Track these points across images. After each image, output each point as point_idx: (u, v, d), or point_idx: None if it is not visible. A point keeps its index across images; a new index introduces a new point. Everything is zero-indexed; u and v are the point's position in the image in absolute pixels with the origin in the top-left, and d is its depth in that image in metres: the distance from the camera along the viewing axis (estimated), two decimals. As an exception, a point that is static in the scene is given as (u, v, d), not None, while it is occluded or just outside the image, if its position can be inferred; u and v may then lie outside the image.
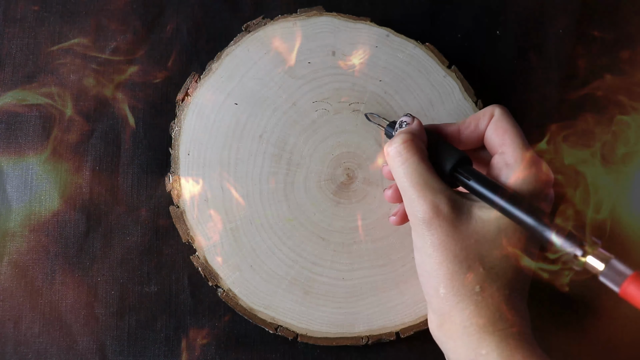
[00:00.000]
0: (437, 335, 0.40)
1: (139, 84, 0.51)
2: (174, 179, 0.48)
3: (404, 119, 0.43)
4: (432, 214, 0.38)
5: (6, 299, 0.48)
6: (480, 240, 0.38)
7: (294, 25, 0.50)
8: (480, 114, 0.42)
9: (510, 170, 0.39)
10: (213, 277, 0.47)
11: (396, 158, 0.40)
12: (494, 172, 0.41)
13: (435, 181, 0.39)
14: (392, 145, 0.40)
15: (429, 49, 0.51)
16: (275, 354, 0.48)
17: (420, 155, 0.40)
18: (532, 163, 0.39)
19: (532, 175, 0.39)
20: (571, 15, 0.56)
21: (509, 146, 0.40)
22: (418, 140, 0.41)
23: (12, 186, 0.49)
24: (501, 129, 0.41)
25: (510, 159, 0.40)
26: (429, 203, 0.38)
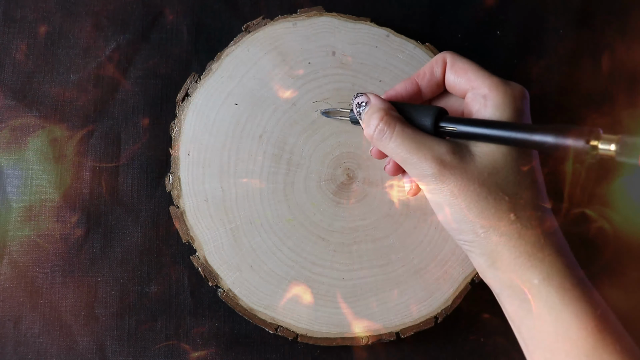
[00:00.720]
0: (490, 277, 0.40)
1: (139, 84, 0.51)
2: (174, 179, 0.48)
3: (358, 100, 0.43)
4: (440, 167, 0.38)
5: (6, 299, 0.48)
6: (492, 172, 0.38)
7: (294, 25, 0.50)
8: (432, 62, 0.43)
9: (490, 100, 0.40)
10: (213, 277, 0.47)
11: (382, 136, 0.40)
12: (473, 109, 0.41)
13: (427, 137, 0.40)
14: (371, 127, 0.41)
15: (429, 49, 0.51)
16: (275, 354, 0.48)
17: (401, 122, 0.41)
18: (504, 84, 0.40)
19: (510, 94, 0.39)
20: (571, 15, 0.56)
21: (477, 80, 0.40)
22: (390, 111, 0.41)
23: (12, 186, 0.49)
24: (461, 69, 0.41)
25: (485, 90, 0.40)
26: (433, 159, 0.39)
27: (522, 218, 0.38)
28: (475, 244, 0.39)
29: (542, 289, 0.37)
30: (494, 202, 0.38)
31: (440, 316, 0.47)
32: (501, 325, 0.50)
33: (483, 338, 0.50)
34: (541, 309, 0.37)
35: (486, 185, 0.38)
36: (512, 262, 0.38)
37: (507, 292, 0.39)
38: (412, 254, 0.48)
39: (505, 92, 0.39)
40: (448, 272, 0.48)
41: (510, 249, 0.38)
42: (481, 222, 0.38)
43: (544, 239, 0.38)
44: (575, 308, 0.36)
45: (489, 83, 0.40)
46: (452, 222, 0.40)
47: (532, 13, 0.56)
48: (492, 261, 0.39)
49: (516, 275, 0.38)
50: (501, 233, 0.38)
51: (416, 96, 0.44)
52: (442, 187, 0.39)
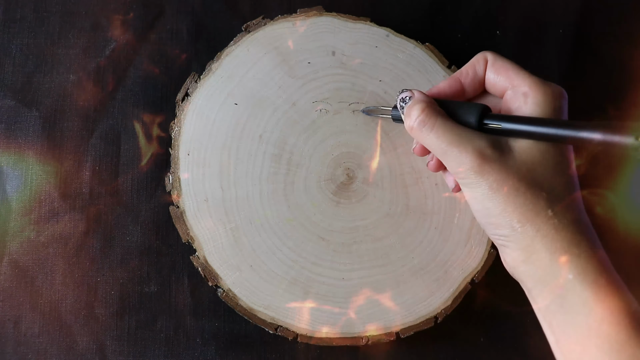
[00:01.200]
0: (523, 271, 0.40)
1: (139, 84, 0.51)
2: (174, 180, 0.48)
3: (403, 95, 0.43)
4: (480, 160, 0.39)
5: (6, 299, 0.48)
6: (530, 168, 0.39)
7: (293, 25, 0.50)
8: (474, 61, 0.43)
9: (530, 97, 0.40)
10: (213, 277, 0.47)
11: (423, 128, 0.41)
12: (512, 107, 0.41)
13: (468, 131, 0.40)
14: (412, 118, 0.41)
15: (429, 49, 0.51)
16: (275, 354, 0.48)
17: (443, 115, 0.41)
18: (544, 83, 0.40)
19: (550, 93, 0.40)
20: (571, 15, 0.56)
21: (517, 79, 0.41)
22: (432, 104, 0.42)
23: (12, 186, 0.49)
24: (502, 68, 0.42)
25: (526, 88, 0.41)
26: (473, 152, 0.39)
27: (559, 214, 0.38)
28: (512, 239, 0.39)
29: (576, 285, 0.37)
30: (532, 197, 0.38)
31: (440, 316, 0.47)
32: (501, 325, 0.50)
33: (483, 338, 0.50)
34: (575, 303, 0.37)
35: (525, 181, 0.38)
36: (548, 257, 0.38)
37: (540, 287, 0.39)
38: (412, 253, 0.48)
39: (546, 91, 0.40)
40: (448, 272, 0.48)
41: (546, 244, 0.38)
42: (518, 216, 0.38)
43: (580, 235, 0.38)
44: (609, 304, 0.36)
45: (530, 82, 0.40)
46: (490, 216, 0.40)
47: (532, 13, 0.56)
48: (528, 255, 0.39)
49: (551, 270, 0.38)
50: (538, 228, 0.38)
51: (459, 94, 0.44)
52: (481, 181, 0.39)
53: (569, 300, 0.38)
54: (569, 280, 0.38)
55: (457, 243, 0.48)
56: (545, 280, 0.39)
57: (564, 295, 0.38)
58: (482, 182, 0.39)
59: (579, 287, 0.37)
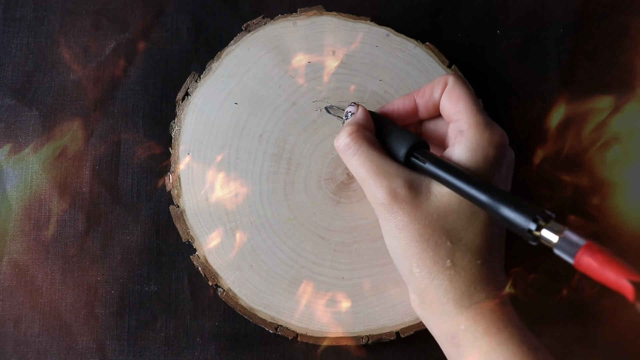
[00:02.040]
0: (419, 314, 0.41)
1: (139, 84, 0.51)
2: (174, 179, 0.48)
3: (349, 109, 0.44)
4: (391, 198, 0.39)
5: (6, 298, 0.47)
6: (442, 214, 0.38)
7: (294, 24, 0.50)
8: (435, 82, 0.42)
9: (464, 137, 0.39)
10: (213, 276, 0.47)
11: (346, 151, 0.41)
12: (450, 141, 0.41)
13: (390, 165, 0.40)
14: (340, 139, 0.41)
15: (429, 49, 0.51)
16: (275, 353, 0.48)
17: (369, 143, 0.41)
18: (485, 126, 0.39)
19: (486, 139, 0.39)
20: (571, 15, 0.56)
21: (463, 113, 0.40)
22: (363, 129, 0.41)
23: (12, 186, 0.49)
24: (454, 97, 0.41)
25: (464, 125, 0.40)
26: (386, 188, 0.39)
27: (458, 265, 0.38)
28: (410, 281, 0.40)
29: (468, 335, 0.38)
30: (434, 245, 0.38)
31: (440, 316, 0.47)
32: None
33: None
34: (470, 352, 0.38)
35: (431, 227, 0.38)
36: (440, 306, 0.38)
37: (437, 333, 0.40)
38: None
39: (482, 135, 0.39)
40: (448, 272, 0.48)
41: (439, 294, 0.38)
42: (417, 262, 0.39)
43: (475, 286, 0.38)
44: (503, 351, 0.37)
45: (471, 121, 0.39)
46: (394, 253, 0.40)
47: (532, 13, 0.56)
48: (422, 301, 0.39)
49: (443, 319, 0.38)
50: (433, 277, 0.38)
51: (412, 114, 0.44)
52: (389, 218, 0.39)
53: (464, 349, 0.38)
54: (460, 330, 0.38)
55: None
56: (439, 328, 0.39)
57: (459, 344, 0.38)
58: (390, 220, 0.39)
59: (471, 337, 0.37)
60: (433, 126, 0.44)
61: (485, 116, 0.40)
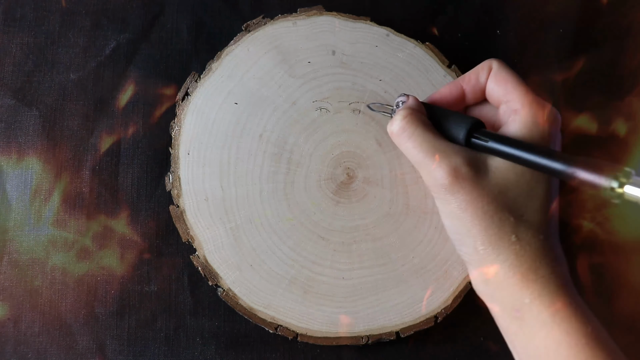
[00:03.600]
0: (482, 291, 0.40)
1: (139, 83, 0.51)
2: (174, 179, 0.48)
3: (400, 99, 0.44)
4: (452, 177, 0.38)
5: (6, 298, 0.47)
6: (502, 191, 0.38)
7: (294, 24, 0.50)
8: (478, 68, 0.43)
9: (519, 116, 0.40)
10: (213, 276, 0.47)
11: (402, 135, 0.41)
12: (503, 122, 0.41)
13: (446, 145, 0.40)
14: (394, 124, 0.41)
15: (429, 49, 0.51)
16: (275, 353, 0.48)
17: (424, 125, 0.41)
18: (538, 104, 0.40)
19: (541, 115, 0.39)
20: (571, 15, 0.56)
21: (513, 93, 0.40)
22: (418, 113, 0.41)
23: (12, 186, 0.49)
24: (502, 79, 0.41)
25: (517, 105, 0.40)
26: (447, 167, 0.38)
27: (523, 240, 0.38)
28: (474, 258, 0.40)
29: (533, 308, 0.37)
30: (499, 221, 0.38)
31: (440, 316, 0.47)
32: (501, 325, 0.50)
33: (483, 338, 0.50)
34: (532, 326, 0.37)
35: (494, 204, 0.38)
36: (505, 281, 0.38)
37: (499, 309, 0.39)
38: (412, 253, 0.48)
39: (537, 112, 0.39)
40: (448, 272, 0.48)
41: (505, 269, 0.38)
42: (482, 239, 0.38)
43: (540, 260, 0.38)
44: (566, 326, 0.37)
45: (524, 100, 0.40)
46: (456, 233, 0.40)
47: (532, 13, 0.56)
48: (487, 277, 0.39)
49: (509, 293, 0.38)
50: (499, 252, 0.38)
51: (460, 100, 0.44)
52: (450, 199, 0.39)
53: (527, 322, 0.38)
54: (525, 304, 0.38)
55: None
56: (503, 302, 0.39)
57: (521, 318, 0.38)
58: (452, 200, 0.39)
59: (535, 311, 0.37)
60: (478, 112, 0.45)
61: (536, 95, 0.40)
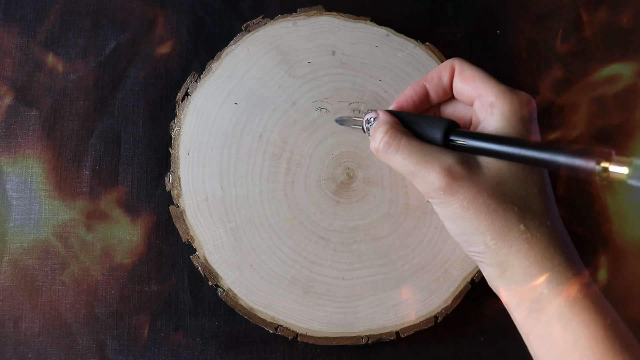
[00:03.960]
0: (499, 285, 0.40)
1: (139, 84, 0.51)
2: (174, 179, 0.48)
3: (368, 116, 0.44)
4: (449, 179, 0.38)
5: (6, 298, 0.47)
6: (500, 182, 0.38)
7: (293, 24, 0.50)
8: (440, 68, 0.43)
9: (496, 108, 0.40)
10: (213, 276, 0.47)
11: (388, 150, 0.41)
12: (481, 119, 0.41)
13: (434, 149, 0.40)
14: (377, 140, 0.41)
15: (429, 49, 0.51)
16: (275, 353, 0.48)
17: (407, 135, 0.41)
18: (511, 93, 0.40)
19: (518, 102, 0.39)
20: (571, 15, 0.56)
21: (484, 88, 0.40)
22: (396, 124, 0.41)
23: (12, 186, 0.49)
24: (469, 77, 0.41)
25: (491, 98, 0.40)
26: (441, 171, 0.38)
27: (532, 228, 0.38)
28: (486, 255, 0.39)
29: (551, 299, 0.37)
30: (504, 213, 0.38)
31: (440, 316, 0.47)
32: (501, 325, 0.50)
33: (483, 338, 0.50)
34: (551, 317, 0.37)
35: (495, 197, 0.38)
36: (522, 272, 0.38)
37: (517, 302, 0.39)
38: (412, 253, 0.48)
39: (512, 100, 0.39)
40: (448, 272, 0.48)
41: (520, 259, 0.38)
42: (492, 233, 0.38)
43: (554, 248, 0.38)
44: (584, 317, 0.36)
45: (496, 91, 0.40)
46: (463, 234, 0.40)
47: (532, 13, 0.56)
48: (502, 271, 0.39)
49: (526, 285, 0.38)
50: (511, 244, 0.38)
51: (424, 100, 0.44)
52: (451, 200, 0.39)
53: (545, 314, 0.37)
54: (543, 294, 0.37)
55: (457, 243, 0.48)
56: (520, 294, 0.38)
57: (540, 310, 0.38)
58: (452, 201, 0.39)
59: (554, 301, 0.37)
60: (451, 110, 0.45)
61: (506, 85, 0.40)
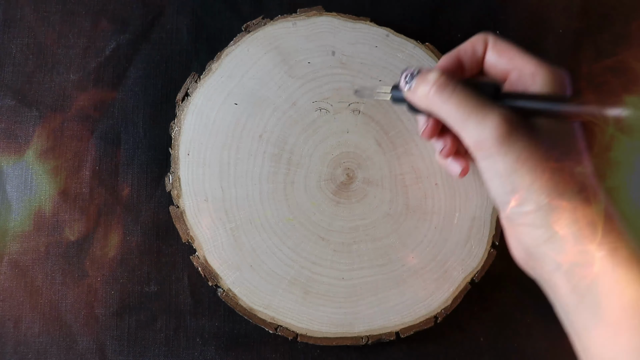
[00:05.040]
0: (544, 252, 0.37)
1: (139, 84, 0.51)
2: (174, 179, 0.48)
3: (409, 70, 0.40)
4: (508, 127, 0.36)
5: (6, 299, 0.48)
6: (554, 141, 0.37)
7: (293, 25, 0.50)
8: (473, 41, 0.41)
9: (539, 77, 0.38)
10: (213, 277, 0.47)
11: (442, 93, 0.38)
12: (519, 89, 0.40)
13: (490, 100, 0.37)
14: (429, 83, 0.38)
15: (429, 49, 0.51)
16: (275, 354, 0.48)
17: (462, 82, 0.38)
18: (550, 65, 0.39)
19: (557, 73, 0.39)
20: (571, 15, 0.56)
21: (521, 60, 0.40)
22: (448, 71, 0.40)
23: (12, 186, 0.49)
24: (504, 50, 0.40)
25: (532, 68, 0.39)
26: (501, 118, 0.36)
27: (589, 187, 0.36)
28: (538, 215, 0.36)
29: (607, 262, 0.34)
30: (560, 170, 0.36)
31: (440, 316, 0.47)
32: (501, 326, 0.50)
33: (483, 338, 0.50)
34: (605, 283, 0.35)
35: (552, 152, 0.36)
36: (576, 233, 0.35)
37: (566, 267, 0.36)
38: (412, 253, 0.48)
39: (553, 70, 0.39)
40: (448, 272, 0.48)
41: (575, 220, 0.35)
42: (547, 190, 0.35)
43: (608, 210, 0.36)
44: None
45: (536, 62, 0.39)
46: (514, 191, 0.37)
47: (532, 13, 0.56)
48: (552, 233, 0.36)
49: (580, 247, 0.35)
50: (567, 202, 0.35)
51: (458, 72, 0.42)
52: (507, 152, 0.36)
53: (600, 280, 0.35)
54: (598, 258, 0.35)
55: (457, 243, 0.48)
56: (571, 259, 0.35)
57: (593, 276, 0.35)
58: (508, 153, 0.36)
59: (610, 266, 0.34)
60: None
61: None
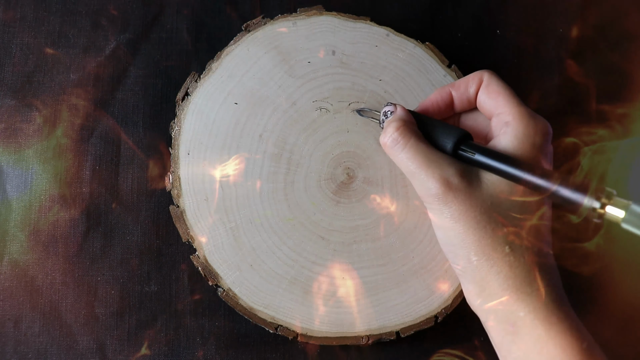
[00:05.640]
0: (476, 305, 0.40)
1: (139, 84, 0.51)
2: (174, 179, 0.48)
3: (387, 108, 0.44)
4: (445, 187, 0.38)
5: (6, 298, 0.47)
6: (495, 201, 0.39)
7: (293, 24, 0.50)
8: (469, 78, 0.43)
9: (510, 128, 0.40)
10: (213, 276, 0.47)
11: (395, 146, 0.41)
12: (495, 135, 0.41)
13: (439, 156, 0.40)
14: (387, 135, 0.42)
15: (429, 48, 0.51)
16: (275, 353, 0.48)
17: (417, 136, 0.41)
18: (529, 116, 0.40)
19: (532, 128, 0.39)
20: (571, 15, 0.56)
21: (505, 106, 0.41)
22: (409, 123, 0.42)
23: (12, 186, 0.49)
24: (494, 92, 0.41)
25: (508, 117, 0.40)
26: (439, 178, 0.39)
27: (517, 251, 0.38)
28: (467, 271, 0.39)
29: (527, 322, 0.37)
30: (492, 232, 0.38)
31: (440, 315, 0.47)
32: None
33: (483, 338, 0.50)
34: (527, 341, 0.37)
35: (487, 214, 0.38)
36: (500, 293, 0.38)
37: (494, 322, 0.39)
38: (412, 253, 0.48)
39: (528, 124, 0.39)
40: (448, 272, 0.48)
41: (499, 281, 0.38)
42: (476, 249, 0.38)
43: (535, 273, 0.38)
44: (560, 341, 0.37)
45: (515, 112, 0.40)
46: (450, 244, 0.40)
47: (532, 13, 0.56)
48: (481, 289, 0.39)
49: (502, 306, 0.38)
50: (493, 264, 0.38)
51: (449, 106, 0.44)
52: (443, 209, 0.39)
53: (521, 337, 0.37)
54: (520, 317, 0.37)
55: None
56: (497, 316, 0.39)
57: (516, 332, 0.38)
58: (444, 211, 0.39)
59: (530, 325, 0.37)
60: (472, 121, 0.45)
61: (527, 107, 0.41)
